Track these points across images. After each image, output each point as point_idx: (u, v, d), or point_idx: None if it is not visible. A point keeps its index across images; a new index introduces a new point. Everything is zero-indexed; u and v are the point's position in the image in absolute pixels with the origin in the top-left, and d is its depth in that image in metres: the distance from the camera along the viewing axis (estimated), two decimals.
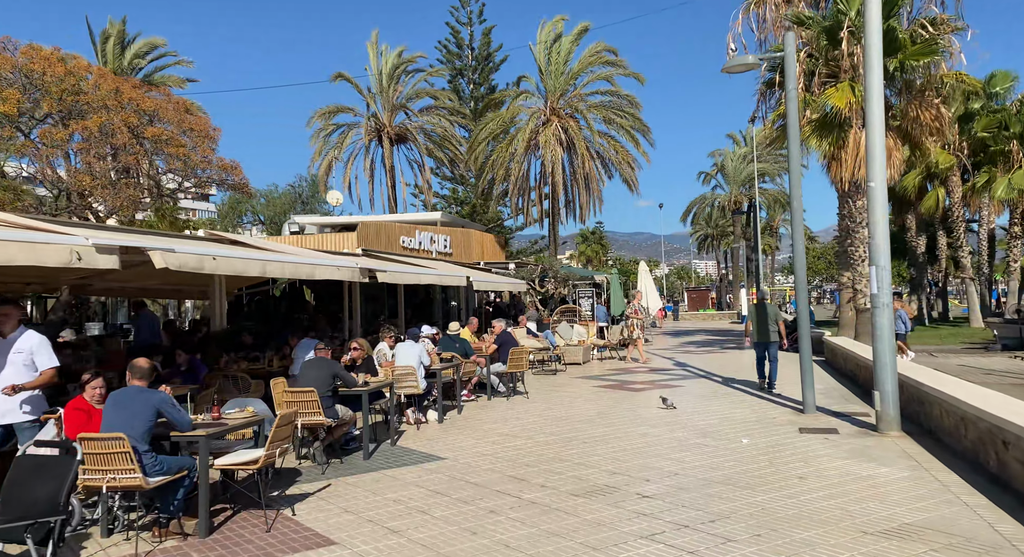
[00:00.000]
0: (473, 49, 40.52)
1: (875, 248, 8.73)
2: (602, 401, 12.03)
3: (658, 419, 10.12)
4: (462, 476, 7.09)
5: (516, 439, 8.90)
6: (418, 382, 9.68)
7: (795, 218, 10.37)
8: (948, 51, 15.54)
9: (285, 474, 7.37)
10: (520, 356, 12.35)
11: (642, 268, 24.70)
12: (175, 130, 16.55)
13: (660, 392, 12.65)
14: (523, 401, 12.21)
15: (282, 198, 41.04)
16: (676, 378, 15.22)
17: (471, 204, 35.54)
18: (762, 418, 10.04)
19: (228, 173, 18.07)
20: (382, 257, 17.45)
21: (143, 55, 25.69)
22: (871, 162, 8.77)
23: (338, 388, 7.91)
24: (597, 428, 9.53)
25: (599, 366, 18.46)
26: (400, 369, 9.73)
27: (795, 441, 8.40)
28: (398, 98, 33.90)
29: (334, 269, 10.53)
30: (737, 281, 57.38)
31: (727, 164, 56.31)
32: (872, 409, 10.15)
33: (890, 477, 6.63)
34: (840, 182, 17.12)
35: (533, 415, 10.72)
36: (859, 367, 13.14)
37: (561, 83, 27.61)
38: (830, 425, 9.32)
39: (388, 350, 10.37)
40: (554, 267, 21.98)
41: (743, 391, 12.87)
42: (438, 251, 22.34)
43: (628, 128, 26.68)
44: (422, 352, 9.96)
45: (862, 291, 17.41)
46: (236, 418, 5.89)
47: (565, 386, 14.35)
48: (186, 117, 17.17)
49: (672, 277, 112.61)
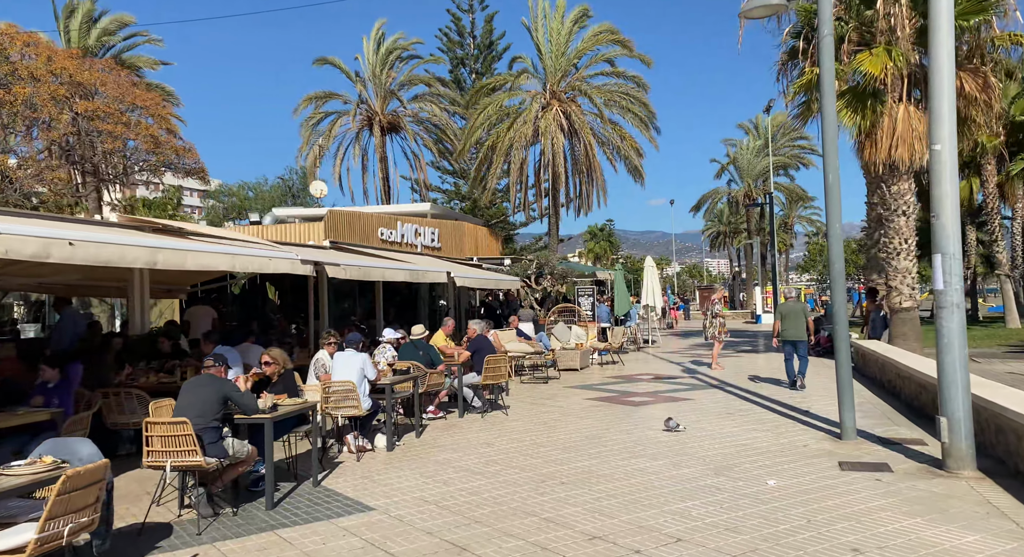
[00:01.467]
0: (475, 37, 38.60)
1: (940, 231, 6.70)
2: (595, 419, 10.06)
3: (660, 446, 8.15)
4: (383, 541, 5.16)
5: (476, 477, 6.95)
6: (359, 401, 7.75)
7: (831, 196, 8.34)
8: (1003, 8, 13.40)
9: (150, 533, 5.47)
10: (497, 365, 10.40)
11: (648, 264, 22.71)
12: (117, 107, 14.59)
13: (665, 407, 10.68)
14: (501, 419, 10.26)
15: (272, 191, 39.21)
16: (684, 388, 13.22)
17: (473, 199, 33.62)
18: (790, 445, 8.04)
19: (181, 156, 16.18)
20: (353, 250, 15.58)
21: (113, 33, 23.81)
22: (937, 117, 6.73)
23: (232, 415, 6.00)
24: (582, 460, 7.56)
25: (599, 372, 16.47)
26: (337, 385, 7.81)
27: (837, 483, 6.40)
28: (391, 84, 31.97)
29: (264, 260, 8.65)
30: (751, 279, 55.10)
31: (740, 157, 54.03)
32: (929, 435, 8.16)
33: (986, 553, 4.63)
34: (873, 165, 15.02)
35: (507, 439, 8.76)
36: (901, 378, 11.10)
37: (562, 65, 25.60)
38: (878, 458, 7.31)
39: (328, 360, 8.45)
40: (550, 262, 20.02)
41: (764, 405, 10.86)
42: (424, 245, 20.42)
43: (635, 112, 24.63)
44: (365, 363, 8.03)
45: (897, 288, 15.31)
46: (16, 474, 3.97)
47: (555, 398, 12.39)
48: (131, 91, 15.27)
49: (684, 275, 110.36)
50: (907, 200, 15.30)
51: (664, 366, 17.44)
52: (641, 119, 24.83)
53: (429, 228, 20.71)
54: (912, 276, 15.24)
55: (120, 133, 14.55)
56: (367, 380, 8.05)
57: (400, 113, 32.36)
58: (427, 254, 20.21)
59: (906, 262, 15.28)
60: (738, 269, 68.26)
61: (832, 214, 8.39)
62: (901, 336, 15.23)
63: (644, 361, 18.90)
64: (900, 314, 15.35)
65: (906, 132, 14.46)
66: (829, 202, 8.39)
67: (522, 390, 13.56)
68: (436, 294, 20.81)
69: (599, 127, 25.81)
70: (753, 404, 11.15)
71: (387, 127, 32.39)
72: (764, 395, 11.94)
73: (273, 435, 6.36)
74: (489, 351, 10.57)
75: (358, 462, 7.71)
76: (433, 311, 20.46)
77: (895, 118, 14.47)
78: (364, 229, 16.74)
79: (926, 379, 9.51)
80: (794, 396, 11.70)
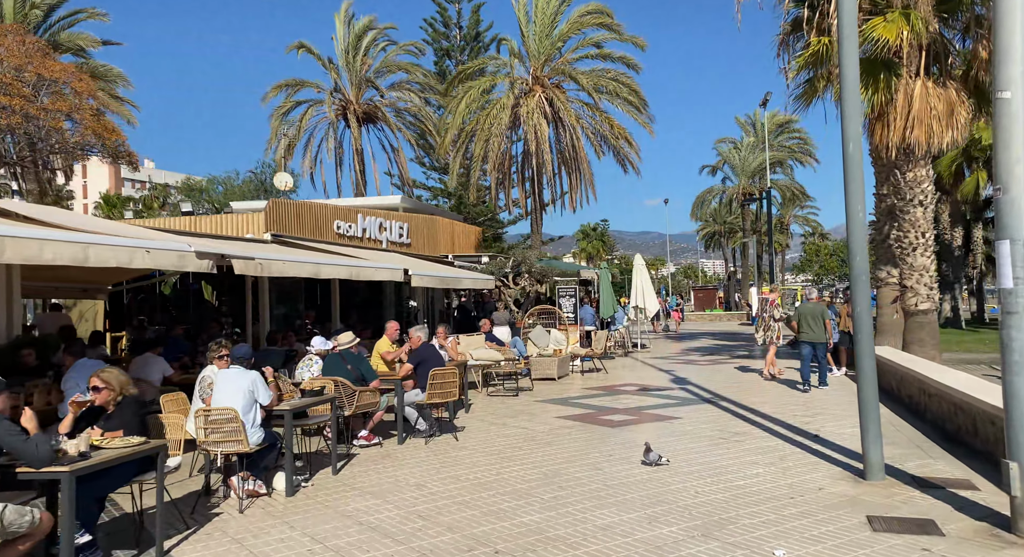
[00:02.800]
0: (461, 28, 36.96)
1: (1008, 209, 4.94)
2: (562, 446, 8.30)
3: (636, 488, 6.40)
4: None
5: (383, 543, 5.18)
6: (243, 434, 5.97)
7: (851, 171, 6.59)
8: None
9: None
10: (445, 380, 8.63)
11: (638, 262, 20.96)
12: (13, 77, 12.68)
13: (648, 429, 8.94)
14: (448, 446, 8.49)
15: (244, 186, 37.29)
16: (672, 402, 11.47)
17: (459, 197, 31.85)
18: (800, 486, 6.30)
19: (101, 137, 14.26)
20: (300, 244, 13.80)
21: (47, 8, 21.70)
22: (1005, 53, 4.94)
23: (16, 469, 4.23)
24: (532, 511, 5.80)
25: (579, 382, 14.71)
26: (216, 413, 6.03)
27: (869, 554, 4.67)
28: (367, 72, 30.12)
29: (141, 254, 6.85)
30: (747, 279, 53.42)
31: (735, 154, 52.34)
32: (977, 473, 6.44)
33: None
34: (885, 149, 13.31)
35: (447, 477, 7.00)
36: (927, 395, 9.37)
37: (546, 47, 23.81)
38: (919, 510, 5.57)
39: (216, 378, 6.67)
40: (528, 260, 18.25)
41: (765, 427, 9.12)
42: (391, 241, 18.65)
43: (625, 97, 22.82)
44: (256, 385, 6.25)
45: (913, 288, 13.59)
46: None
47: (522, 415, 10.63)
48: (43, 63, 13.27)
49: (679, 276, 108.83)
50: (924, 188, 13.60)
51: (652, 375, 15.69)
52: (632, 104, 23.06)
53: (397, 222, 18.94)
54: (930, 274, 13.55)
55: (19, 107, 12.60)
56: (259, 406, 6.27)
57: (378, 103, 30.54)
58: (394, 250, 18.45)
59: (923, 259, 13.58)
60: (733, 269, 66.60)
61: (853, 194, 6.64)
62: (917, 342, 13.53)
63: (631, 368, 17.15)
64: (916, 317, 13.64)
65: (923, 111, 12.77)
66: (849, 179, 6.65)
67: (487, 405, 11.81)
68: (405, 295, 19.04)
69: (586, 115, 24.05)
70: (752, 425, 9.41)
71: (363, 117, 30.57)
72: (764, 413, 10.20)
73: (99, 490, 4.61)
74: (436, 363, 8.79)
75: (241, 513, 5.93)
76: (400, 313, 18.70)
77: (911, 95, 12.78)
78: (316, 222, 14.96)
79: (962, 399, 7.80)
80: (799, 415, 9.97)
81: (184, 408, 6.88)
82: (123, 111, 22.29)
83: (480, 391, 13.39)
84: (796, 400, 11.40)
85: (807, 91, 14.16)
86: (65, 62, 17.96)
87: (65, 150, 14.37)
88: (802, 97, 14.48)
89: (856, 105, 6.63)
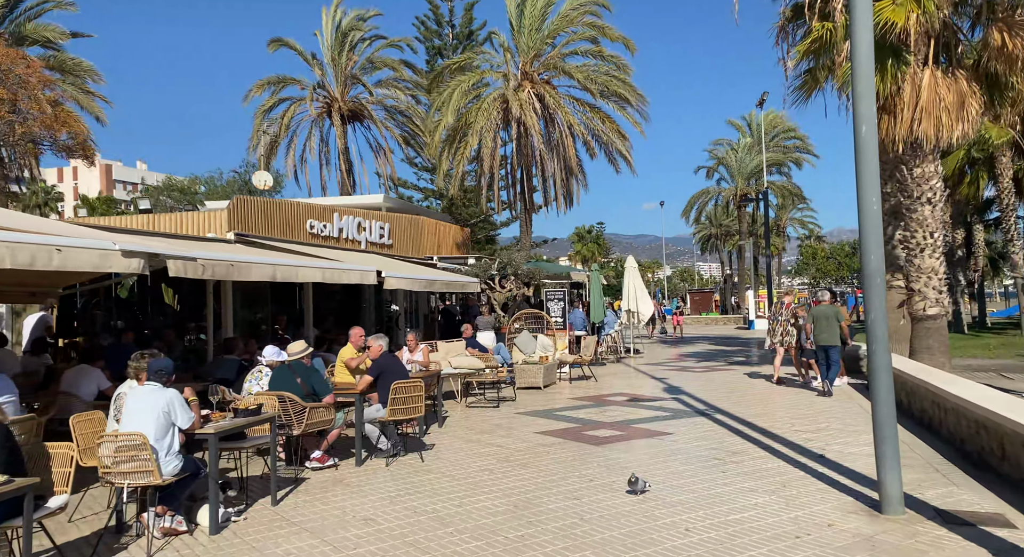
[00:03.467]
0: (453, 26, 36.16)
1: None
2: (539, 468, 7.43)
3: (617, 522, 5.53)
4: None
5: None
6: (154, 464, 5.08)
7: (864, 155, 5.74)
8: None
9: None
10: (409, 395, 7.74)
11: (630, 264, 20.10)
12: None
13: (636, 446, 8.08)
14: (411, 468, 7.61)
15: (228, 185, 36.34)
16: (664, 415, 10.61)
17: (450, 197, 30.99)
18: (807, 522, 5.43)
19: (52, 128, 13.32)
20: (265, 244, 12.92)
21: None
22: None
23: None
24: (493, 554, 4.93)
25: (566, 391, 13.84)
26: (123, 439, 5.14)
27: None
28: (352, 68, 29.24)
29: (48, 253, 5.96)
30: (743, 282, 52.63)
31: (731, 155, 51.59)
32: (1010, 505, 5.59)
33: None
34: (891, 143, 12.47)
35: (402, 509, 6.11)
36: (942, 409, 8.52)
37: (536, 42, 22.98)
38: (949, 556, 4.71)
39: None
40: (514, 261, 17.38)
41: (764, 445, 8.26)
42: (371, 242, 17.76)
43: (617, 91, 21.99)
44: (173, 405, 5.37)
45: (921, 292, 12.75)
46: None
47: (499, 430, 9.74)
48: None
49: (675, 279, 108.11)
50: (933, 185, 12.78)
51: (644, 383, 14.83)
52: (624, 98, 22.21)
53: (378, 222, 18.05)
54: (939, 277, 12.71)
55: None
56: (176, 429, 5.39)
57: (364, 100, 29.65)
58: (373, 252, 17.57)
59: (931, 260, 12.74)
60: (729, 272, 65.86)
61: (866, 185, 5.78)
62: (926, 349, 12.68)
63: (622, 376, 16.28)
64: (925, 323, 12.79)
65: (931, 103, 11.95)
66: (861, 167, 5.79)
67: (464, 417, 10.92)
68: (384, 299, 18.16)
69: (577, 111, 23.21)
70: (749, 441, 8.55)
71: (349, 115, 29.67)
72: (763, 427, 9.33)
73: None
74: (398, 374, 7.91)
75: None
76: (381, 317, 17.82)
77: (919, 85, 11.95)
78: (286, 221, 14.07)
79: (985, 416, 6.94)
80: (801, 430, 9.11)
81: (100, 429, 5.99)
82: (93, 107, 21.38)
83: (459, 402, 12.52)
84: (797, 412, 10.56)
85: (807, 82, 13.33)
86: (32, 54, 17.06)
87: (8, 144, 13.39)
88: (802, 88, 13.65)
89: (870, 82, 5.78)
